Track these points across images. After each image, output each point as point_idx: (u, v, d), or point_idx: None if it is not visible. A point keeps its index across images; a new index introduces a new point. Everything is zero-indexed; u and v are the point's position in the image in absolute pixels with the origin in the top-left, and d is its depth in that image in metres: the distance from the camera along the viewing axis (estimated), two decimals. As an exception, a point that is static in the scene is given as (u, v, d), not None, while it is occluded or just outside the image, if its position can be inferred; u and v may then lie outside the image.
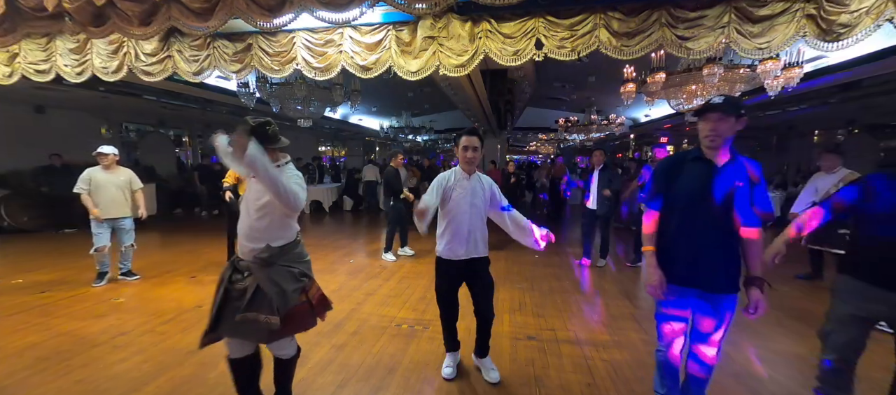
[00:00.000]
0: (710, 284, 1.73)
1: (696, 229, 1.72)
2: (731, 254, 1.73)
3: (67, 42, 4.02)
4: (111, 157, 4.13)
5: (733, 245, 1.73)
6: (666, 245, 1.82)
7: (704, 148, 1.75)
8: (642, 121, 13.03)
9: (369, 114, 13.94)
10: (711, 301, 1.76)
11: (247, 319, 1.74)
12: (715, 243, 1.70)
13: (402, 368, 2.59)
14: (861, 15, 2.63)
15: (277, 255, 1.81)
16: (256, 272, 1.78)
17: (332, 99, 6.15)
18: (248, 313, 1.74)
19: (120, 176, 4.19)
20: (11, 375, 2.47)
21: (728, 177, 1.69)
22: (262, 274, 1.77)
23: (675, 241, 1.79)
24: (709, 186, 1.70)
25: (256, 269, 1.79)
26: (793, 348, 2.84)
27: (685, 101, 4.94)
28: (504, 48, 3.34)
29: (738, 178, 1.69)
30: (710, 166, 1.72)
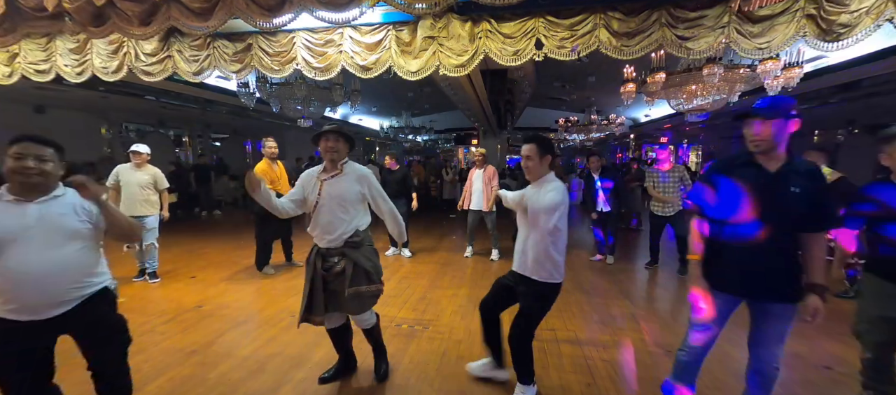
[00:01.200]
0: (767, 294, 1.65)
1: (751, 238, 1.62)
2: (789, 262, 1.64)
3: (67, 42, 4.02)
4: (144, 156, 4.24)
5: (791, 253, 1.64)
6: (715, 254, 1.74)
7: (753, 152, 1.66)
8: (642, 121, 13.04)
9: (369, 114, 13.94)
10: (768, 312, 1.69)
11: (359, 292, 2.14)
12: (771, 252, 1.61)
13: (402, 368, 2.59)
14: (861, 15, 2.63)
15: (365, 236, 2.23)
16: (351, 254, 2.16)
17: (332, 99, 6.15)
18: (354, 288, 2.13)
19: (145, 175, 4.24)
20: (11, 375, 2.47)
21: (783, 182, 1.59)
22: (357, 254, 2.17)
23: (726, 250, 1.69)
24: (762, 193, 1.60)
25: (350, 251, 2.16)
26: (793, 348, 2.84)
27: (685, 101, 4.94)
28: (504, 48, 3.34)
29: (795, 182, 1.58)
30: (762, 171, 1.63)
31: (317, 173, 2.26)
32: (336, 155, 2.20)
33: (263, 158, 4.47)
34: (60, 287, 1.55)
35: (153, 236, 4.32)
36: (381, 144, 19.54)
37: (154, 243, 4.34)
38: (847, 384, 2.39)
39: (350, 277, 2.12)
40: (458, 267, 4.95)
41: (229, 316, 3.41)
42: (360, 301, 2.16)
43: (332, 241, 2.16)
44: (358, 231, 2.19)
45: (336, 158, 2.21)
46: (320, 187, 2.19)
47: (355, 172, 2.24)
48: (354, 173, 2.23)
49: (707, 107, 4.98)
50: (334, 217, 2.15)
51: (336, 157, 2.21)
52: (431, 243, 6.47)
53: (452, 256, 5.60)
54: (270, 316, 3.39)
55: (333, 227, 2.15)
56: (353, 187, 2.18)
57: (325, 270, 2.17)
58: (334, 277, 2.17)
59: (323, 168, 2.26)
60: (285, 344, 2.89)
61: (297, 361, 2.65)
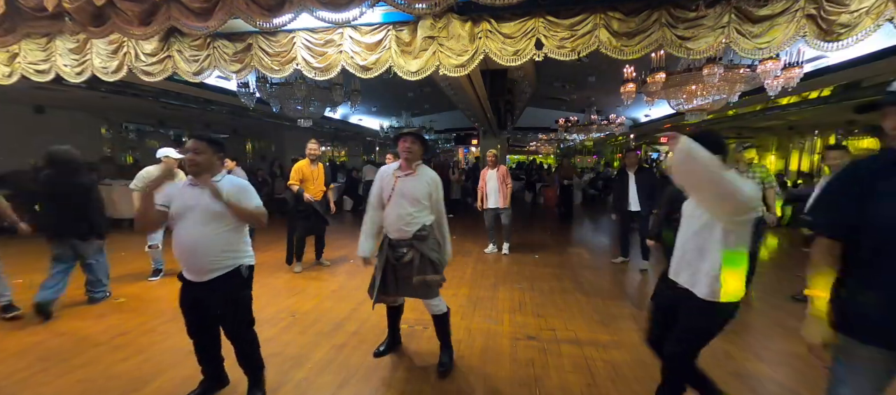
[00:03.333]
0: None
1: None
2: None
3: (67, 42, 4.02)
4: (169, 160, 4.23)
5: None
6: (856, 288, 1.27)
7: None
8: (642, 121, 13.04)
9: (369, 114, 13.93)
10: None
11: (426, 280, 2.36)
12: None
13: (401, 368, 2.59)
14: (861, 15, 2.63)
15: (430, 231, 2.44)
16: (418, 246, 2.38)
17: (332, 99, 6.14)
18: (420, 276, 2.35)
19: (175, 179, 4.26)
20: (11, 375, 2.47)
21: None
22: (424, 246, 2.38)
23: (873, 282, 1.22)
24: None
25: (418, 243, 2.38)
26: (793, 348, 2.84)
27: (685, 101, 4.94)
28: (504, 48, 3.34)
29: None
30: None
31: (392, 171, 2.49)
32: (411, 155, 2.40)
33: (305, 158, 4.69)
34: (205, 258, 1.96)
35: (160, 238, 4.41)
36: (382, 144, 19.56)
37: (159, 244, 4.42)
38: (847, 384, 2.39)
39: (417, 266, 2.35)
40: (459, 267, 4.95)
41: (229, 316, 3.41)
42: (427, 287, 2.39)
43: (402, 233, 2.39)
44: (424, 227, 2.41)
45: (411, 158, 2.41)
46: (394, 183, 2.42)
47: (427, 174, 2.45)
48: (426, 175, 2.45)
49: (707, 107, 4.97)
50: (403, 212, 2.37)
51: (411, 157, 2.41)
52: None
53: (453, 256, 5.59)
54: (270, 316, 3.39)
55: (402, 220, 2.37)
56: (422, 188, 2.40)
57: (395, 259, 2.42)
58: (403, 266, 2.40)
59: (398, 166, 2.48)
60: (285, 344, 2.89)
61: (297, 361, 2.65)
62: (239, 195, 2.01)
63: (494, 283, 4.33)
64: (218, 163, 2.07)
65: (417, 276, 2.35)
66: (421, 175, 2.44)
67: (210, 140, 2.04)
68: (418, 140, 2.46)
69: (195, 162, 1.97)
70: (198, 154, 1.97)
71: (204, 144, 2.00)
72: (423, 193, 2.40)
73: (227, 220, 1.98)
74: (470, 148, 20.18)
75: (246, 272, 2.09)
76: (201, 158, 1.98)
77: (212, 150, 2.02)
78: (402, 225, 2.38)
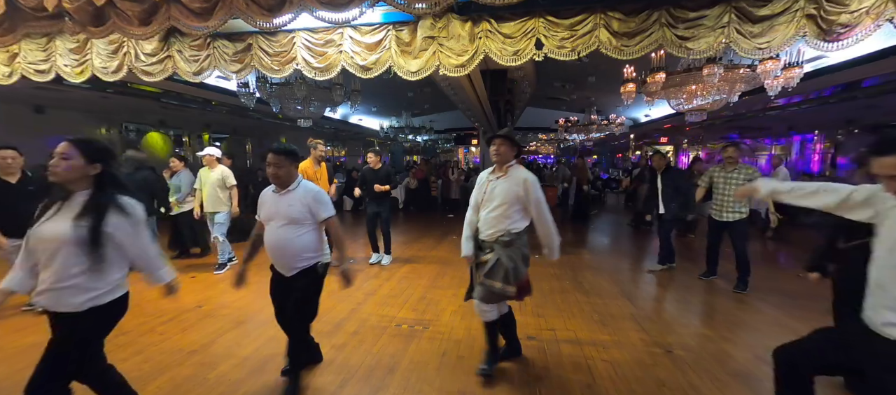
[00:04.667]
0: None
1: None
2: None
3: (67, 42, 4.02)
4: (211, 158, 4.69)
5: None
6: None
7: None
8: (642, 121, 13.04)
9: (369, 114, 13.93)
10: None
11: (490, 285, 2.28)
12: None
13: (401, 368, 2.59)
14: (861, 15, 2.63)
15: (515, 238, 2.33)
16: (499, 250, 2.31)
17: (332, 99, 6.14)
18: (489, 280, 2.28)
19: (215, 174, 4.65)
20: (11, 375, 2.47)
21: None
22: (503, 251, 2.30)
23: None
24: None
25: (499, 248, 2.32)
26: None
27: (685, 101, 4.94)
28: (504, 48, 3.34)
29: None
30: None
31: (486, 174, 2.50)
32: (499, 158, 2.37)
33: (309, 157, 4.70)
34: (285, 257, 2.21)
35: (220, 230, 4.70)
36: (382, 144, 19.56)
37: (219, 237, 4.73)
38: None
39: (489, 268, 2.30)
40: (459, 267, 4.95)
41: (229, 316, 3.41)
42: (486, 291, 2.31)
43: (488, 235, 2.37)
44: (509, 232, 2.33)
45: (500, 160, 2.38)
46: (486, 187, 2.42)
47: (518, 176, 2.34)
48: (516, 177, 2.34)
49: (707, 107, 4.97)
50: (492, 215, 2.35)
51: (500, 159, 2.38)
52: (431, 243, 6.47)
53: (452, 256, 5.60)
54: (270, 316, 3.36)
55: (490, 223, 2.36)
56: (512, 190, 2.31)
57: (477, 259, 2.43)
58: (480, 266, 2.38)
59: (491, 169, 2.48)
60: (285, 344, 2.88)
61: (297, 361, 2.64)
62: (314, 205, 2.21)
63: (494, 283, 4.32)
64: (295, 171, 2.25)
65: (485, 277, 2.30)
66: (512, 177, 2.36)
67: (286, 152, 2.21)
68: (507, 141, 2.39)
69: (277, 175, 2.18)
70: (278, 168, 2.16)
71: (282, 158, 2.17)
72: (511, 197, 2.31)
73: (304, 225, 2.20)
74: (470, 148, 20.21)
75: (321, 270, 2.29)
76: (282, 171, 2.18)
77: (288, 161, 2.21)
78: (490, 228, 2.36)
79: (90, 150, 1.65)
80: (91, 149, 1.65)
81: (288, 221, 2.18)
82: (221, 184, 4.65)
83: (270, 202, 2.24)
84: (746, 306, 3.66)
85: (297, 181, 2.25)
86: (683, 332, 3.05)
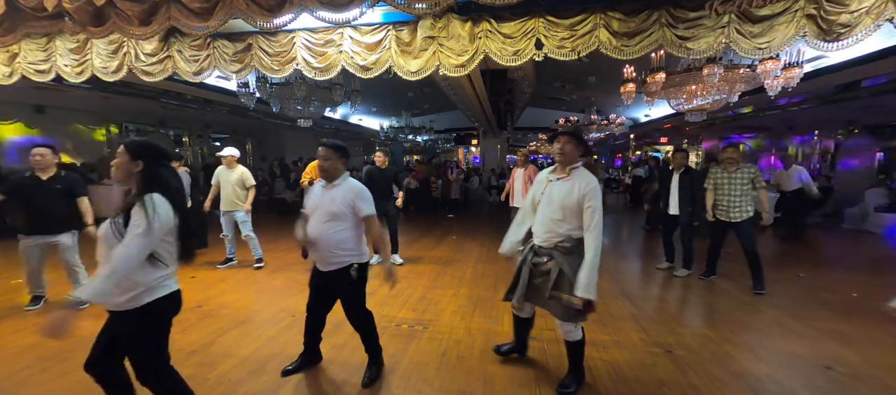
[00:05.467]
0: None
1: None
2: None
3: (67, 42, 4.02)
4: (231, 158, 4.71)
5: None
6: None
7: None
8: (642, 121, 13.04)
9: (369, 114, 13.93)
10: None
11: (558, 298, 2.12)
12: None
13: (401, 368, 2.58)
14: (861, 15, 2.63)
15: (578, 246, 2.12)
16: (559, 258, 2.14)
17: (332, 99, 6.14)
18: (556, 292, 2.13)
19: (235, 174, 4.68)
20: (11, 375, 2.47)
21: None
22: (565, 260, 2.12)
23: None
24: None
25: (559, 255, 2.14)
26: (793, 347, 2.84)
27: (685, 101, 4.94)
28: (504, 48, 3.34)
29: None
30: None
31: (546, 174, 2.30)
32: (563, 158, 2.19)
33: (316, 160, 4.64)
34: (324, 251, 2.22)
35: (247, 228, 4.76)
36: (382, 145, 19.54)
37: (251, 235, 4.80)
38: (847, 383, 2.39)
39: (554, 280, 2.14)
40: (458, 267, 4.95)
41: (229, 316, 3.41)
42: (559, 307, 2.14)
43: (544, 240, 2.21)
44: (571, 238, 2.14)
45: (564, 160, 2.20)
46: (545, 187, 2.25)
47: (582, 179, 2.13)
48: (580, 181, 2.13)
49: (707, 107, 4.97)
50: (548, 218, 2.18)
51: (564, 159, 2.19)
52: (432, 243, 6.48)
53: (452, 256, 5.60)
54: (270, 316, 3.39)
55: (546, 227, 2.19)
56: (574, 194, 2.11)
57: (533, 264, 2.26)
58: (540, 274, 2.23)
59: (553, 168, 2.28)
60: (285, 344, 2.88)
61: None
62: (357, 201, 2.22)
63: (495, 283, 4.33)
64: (341, 166, 2.28)
65: (552, 290, 2.15)
66: (575, 180, 2.14)
67: (336, 147, 2.25)
68: (573, 140, 2.19)
69: (324, 168, 2.23)
70: (326, 160, 2.22)
71: (331, 151, 2.22)
72: (572, 201, 2.11)
73: (344, 221, 2.21)
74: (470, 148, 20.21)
75: (356, 272, 2.27)
76: (328, 163, 2.22)
77: (337, 155, 2.24)
78: (546, 232, 2.19)
79: (134, 147, 1.67)
80: (134, 146, 1.67)
81: (328, 215, 2.20)
82: (241, 183, 4.68)
83: (317, 195, 2.30)
84: (746, 306, 3.66)
85: (343, 177, 2.28)
86: (683, 332, 3.05)
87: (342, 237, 2.21)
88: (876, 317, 3.32)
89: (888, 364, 2.60)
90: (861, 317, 3.36)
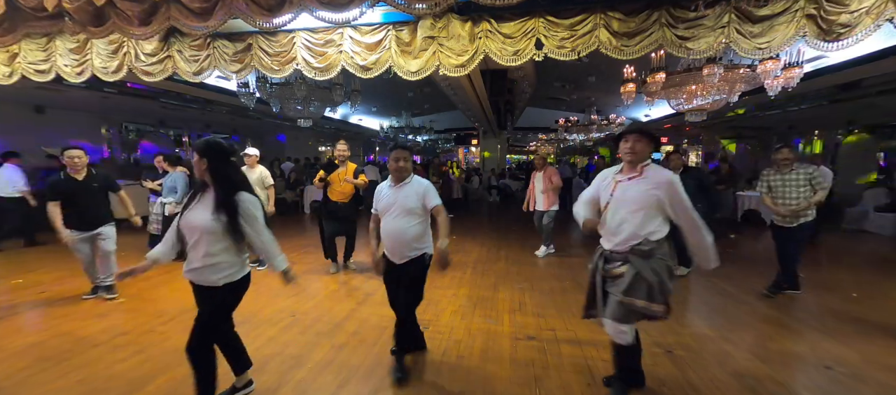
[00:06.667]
0: None
1: None
2: None
3: (67, 42, 4.02)
4: (253, 158, 4.74)
5: None
6: None
7: None
8: (642, 121, 13.04)
9: (369, 114, 13.94)
10: None
11: (629, 304, 1.98)
12: None
13: (402, 368, 2.58)
14: (861, 15, 2.63)
15: (655, 248, 1.99)
16: (635, 262, 1.99)
17: (332, 99, 6.15)
18: (629, 297, 1.98)
19: (255, 174, 4.66)
20: (11, 375, 2.47)
21: None
22: (643, 263, 1.98)
23: None
24: None
25: (636, 259, 2.00)
26: (793, 348, 2.84)
27: (685, 101, 4.94)
28: (504, 48, 3.34)
29: None
30: None
31: (613, 173, 2.15)
32: (635, 157, 2.03)
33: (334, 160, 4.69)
34: (398, 246, 2.38)
35: None
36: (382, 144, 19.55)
37: None
38: (847, 383, 2.39)
39: (628, 284, 1.97)
40: (458, 267, 4.95)
41: (229, 316, 3.41)
42: (623, 311, 1.99)
43: (617, 244, 2.04)
44: (648, 240, 1.98)
45: (635, 159, 2.04)
46: (613, 188, 2.09)
47: (657, 177, 1.99)
48: (655, 178, 1.99)
49: (707, 107, 4.97)
50: (621, 220, 2.03)
51: (635, 158, 2.03)
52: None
53: (452, 255, 5.59)
54: (270, 316, 3.39)
55: (622, 229, 2.02)
56: (652, 193, 1.96)
57: (605, 271, 2.13)
58: (612, 279, 2.08)
59: (620, 168, 2.14)
60: (285, 344, 2.88)
61: (297, 361, 2.65)
62: (427, 195, 2.38)
63: (494, 283, 4.33)
64: (410, 167, 2.45)
65: (625, 296, 1.98)
66: (649, 178, 1.99)
67: (410, 149, 2.46)
68: (643, 138, 2.04)
69: (399, 168, 2.38)
70: (404, 161, 2.38)
71: (407, 153, 2.41)
72: (649, 201, 1.95)
73: (417, 215, 2.37)
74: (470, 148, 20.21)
75: (428, 260, 2.45)
76: (405, 164, 2.39)
77: (411, 156, 2.45)
78: (619, 236, 2.03)
79: (198, 147, 1.93)
80: (199, 146, 1.93)
81: (403, 211, 2.35)
82: (261, 183, 4.67)
83: (388, 195, 2.44)
84: (747, 306, 3.66)
85: (411, 176, 2.45)
86: (683, 332, 3.05)
87: (418, 231, 2.39)
88: (876, 317, 3.32)
89: (888, 364, 2.60)
90: (861, 317, 3.36)
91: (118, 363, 2.60)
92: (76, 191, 3.53)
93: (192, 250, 1.92)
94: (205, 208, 1.91)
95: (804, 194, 3.60)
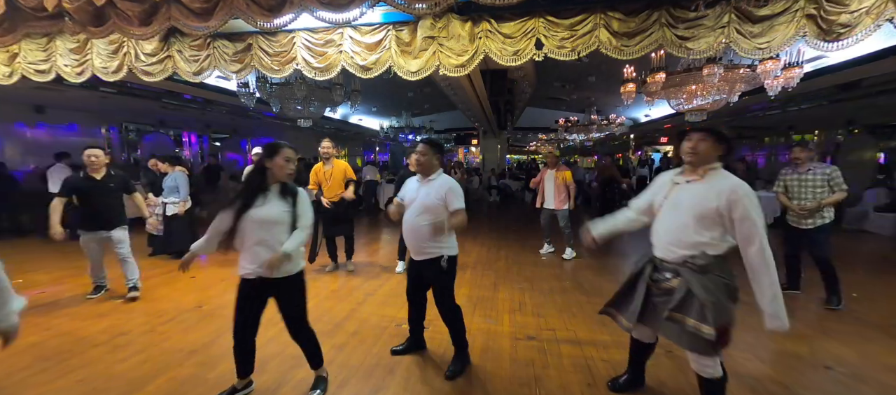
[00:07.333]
0: None
1: None
2: None
3: (67, 42, 4.02)
4: None
5: None
6: None
7: None
8: (642, 121, 13.04)
9: (369, 114, 13.93)
10: None
11: (680, 322, 1.78)
12: None
13: (402, 368, 2.58)
14: (861, 15, 2.63)
15: (712, 263, 1.76)
16: (687, 276, 1.78)
17: (332, 99, 6.14)
18: (679, 314, 1.78)
19: None
20: (11, 375, 2.47)
21: None
22: (696, 279, 1.75)
23: None
24: None
25: (688, 273, 1.78)
26: (793, 348, 2.84)
27: (685, 101, 4.93)
28: (504, 48, 3.34)
29: None
30: None
31: (672, 175, 1.96)
32: (696, 158, 1.81)
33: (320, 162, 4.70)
34: (415, 239, 2.38)
35: None
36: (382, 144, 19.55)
37: None
38: (847, 384, 2.39)
39: (678, 300, 1.78)
40: (458, 267, 4.94)
41: (229, 316, 3.39)
42: (684, 335, 1.77)
43: (669, 253, 1.86)
44: (705, 254, 1.76)
45: (696, 161, 1.82)
46: (669, 190, 1.92)
47: (722, 183, 1.74)
48: (720, 185, 1.74)
49: (707, 107, 4.97)
50: (675, 227, 1.84)
51: (697, 160, 1.81)
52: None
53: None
54: (270, 316, 3.37)
55: (672, 238, 1.84)
56: (709, 200, 1.74)
57: (652, 280, 1.95)
58: (661, 292, 1.91)
59: (680, 170, 1.94)
60: (285, 344, 2.87)
61: (297, 361, 2.64)
62: (448, 195, 2.35)
63: (494, 283, 4.33)
64: (437, 163, 2.44)
65: (675, 312, 1.79)
66: (713, 183, 1.76)
67: (432, 143, 2.43)
68: (710, 137, 1.80)
69: (420, 162, 2.39)
70: (423, 156, 2.38)
71: (428, 147, 2.40)
72: (710, 209, 1.73)
73: (435, 214, 2.33)
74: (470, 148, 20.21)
75: (446, 263, 2.38)
76: (425, 159, 2.38)
77: (433, 151, 2.41)
78: (672, 244, 1.84)
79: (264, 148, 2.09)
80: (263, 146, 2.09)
81: (423, 208, 2.34)
82: None
83: (413, 189, 2.46)
84: (746, 306, 3.64)
85: (437, 172, 2.43)
86: (683, 332, 3.05)
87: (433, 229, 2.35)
88: (876, 317, 3.32)
89: (888, 364, 2.60)
90: (861, 317, 3.36)
91: (118, 363, 2.60)
92: (93, 190, 3.54)
93: (259, 245, 2.00)
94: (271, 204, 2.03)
95: (821, 195, 3.51)
